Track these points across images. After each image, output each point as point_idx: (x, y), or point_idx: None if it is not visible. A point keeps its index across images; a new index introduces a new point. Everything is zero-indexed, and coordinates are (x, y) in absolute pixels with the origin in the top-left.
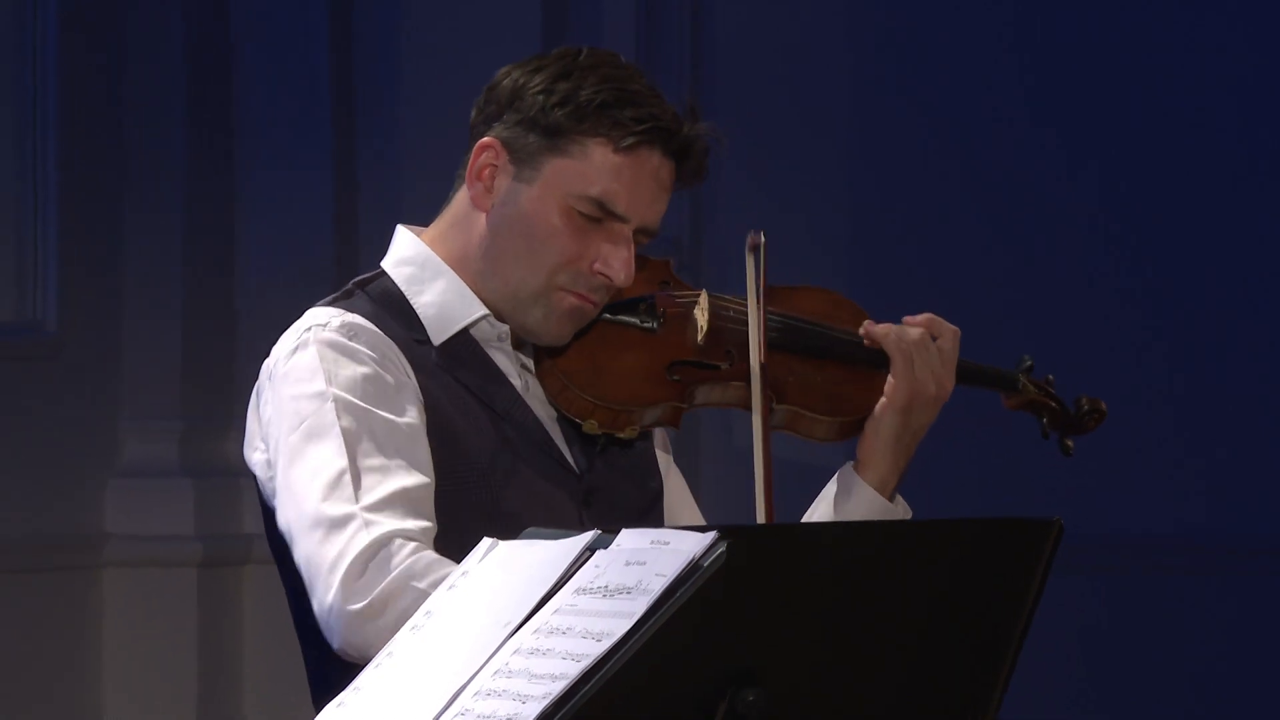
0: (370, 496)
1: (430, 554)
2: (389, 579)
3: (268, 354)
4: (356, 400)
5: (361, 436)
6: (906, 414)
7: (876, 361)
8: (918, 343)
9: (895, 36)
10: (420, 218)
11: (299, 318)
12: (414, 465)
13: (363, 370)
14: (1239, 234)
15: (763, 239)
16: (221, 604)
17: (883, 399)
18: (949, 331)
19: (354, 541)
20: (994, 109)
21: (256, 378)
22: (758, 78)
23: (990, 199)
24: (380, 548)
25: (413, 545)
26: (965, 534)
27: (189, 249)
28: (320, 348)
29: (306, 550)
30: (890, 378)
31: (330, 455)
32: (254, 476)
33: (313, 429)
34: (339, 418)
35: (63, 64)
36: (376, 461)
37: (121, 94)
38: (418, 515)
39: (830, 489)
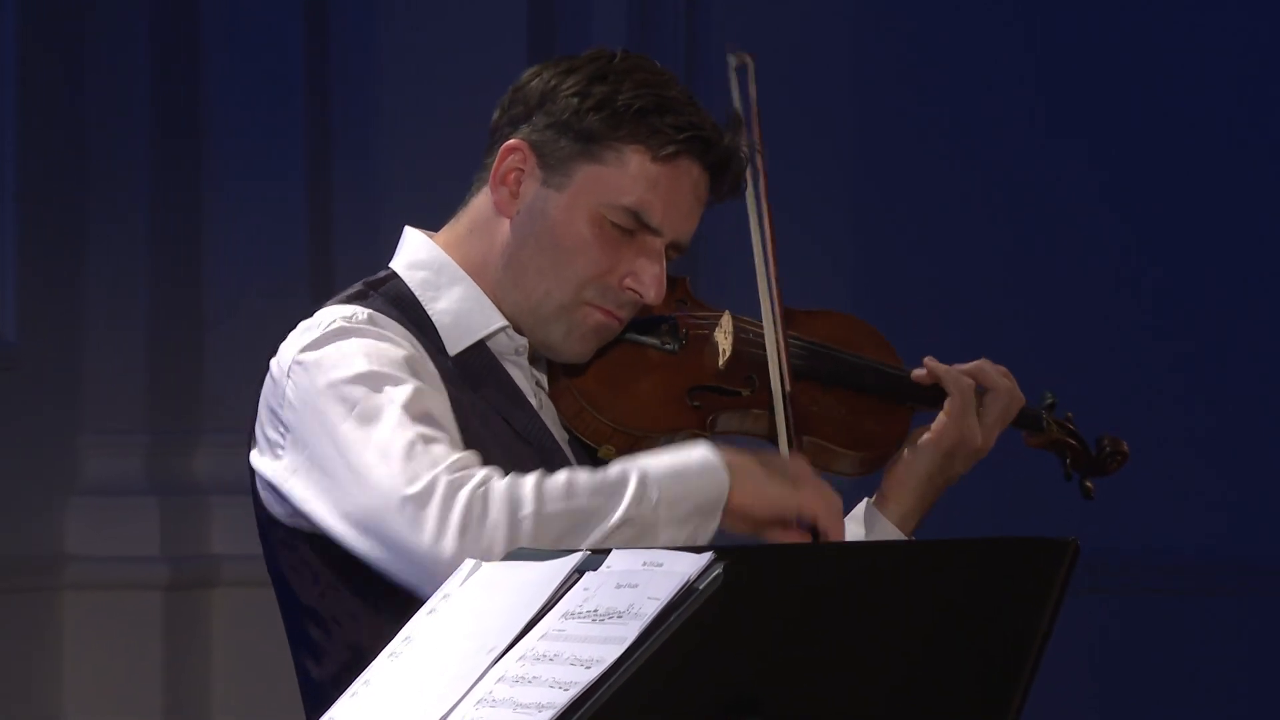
0: (449, 459)
1: (516, 476)
2: (497, 519)
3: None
4: (405, 375)
5: (420, 410)
6: (949, 458)
7: (901, 395)
8: (974, 389)
9: (900, 35)
10: (400, 225)
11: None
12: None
13: (401, 352)
14: (1262, 251)
15: (749, 60)
16: (189, 630)
17: (927, 434)
18: (1002, 387)
19: (454, 502)
20: (1007, 111)
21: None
22: (755, 78)
23: (1003, 208)
24: (478, 500)
25: (499, 482)
26: (977, 553)
27: (154, 256)
28: (354, 333)
29: (396, 528)
30: (942, 416)
31: (395, 428)
32: (254, 486)
33: (368, 411)
34: (394, 395)
35: (22, 64)
36: (440, 433)
37: (83, 95)
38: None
39: (846, 525)
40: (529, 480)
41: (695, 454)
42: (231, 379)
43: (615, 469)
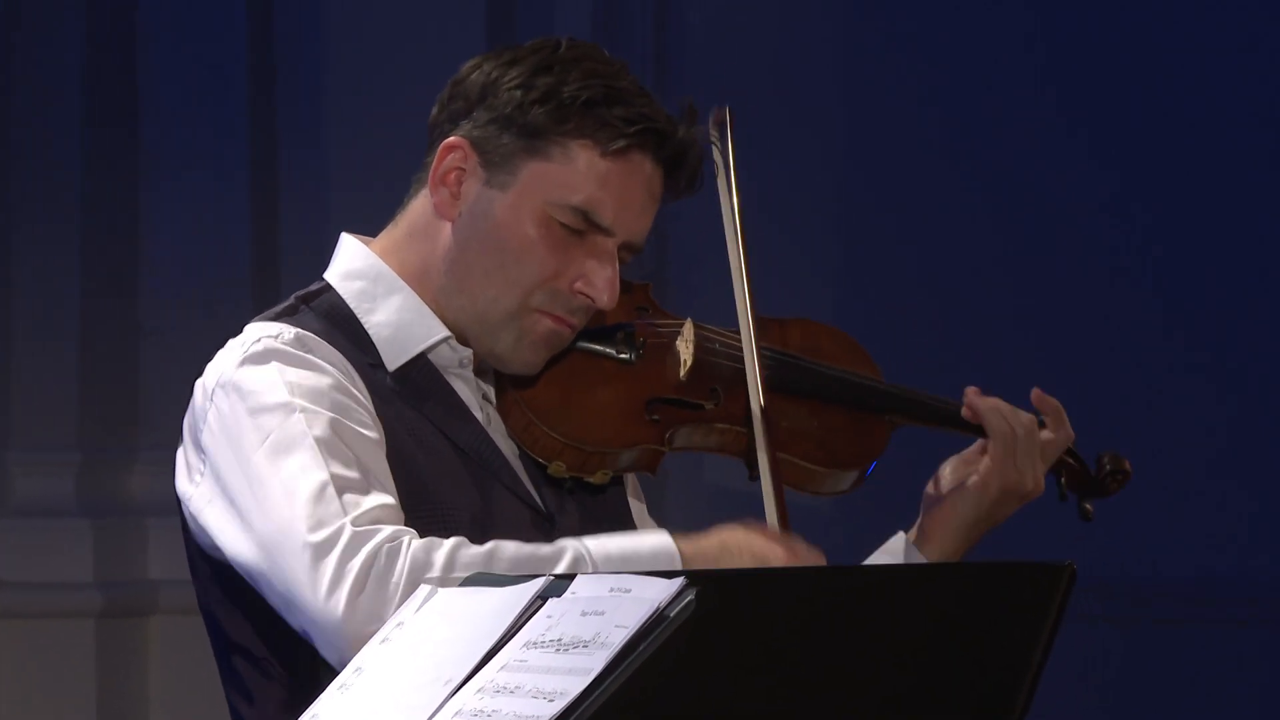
0: (360, 508)
1: (433, 539)
2: (398, 582)
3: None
4: (324, 410)
5: (337, 447)
6: (997, 504)
7: (879, 405)
8: (1027, 428)
9: (893, 27)
10: (349, 228)
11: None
12: (388, 485)
13: (326, 380)
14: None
15: (728, 115)
16: (123, 659)
17: (974, 478)
18: (1066, 432)
19: (355, 558)
20: (1004, 108)
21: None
22: (733, 73)
23: (999, 210)
24: (389, 553)
25: (408, 542)
26: (967, 578)
27: (86, 260)
28: (276, 358)
29: (293, 573)
30: (987, 460)
31: (307, 467)
32: (181, 512)
33: (281, 442)
34: (309, 428)
35: None
36: (355, 475)
37: (11, 89)
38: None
39: (878, 559)
40: (445, 544)
41: (649, 540)
42: (169, 392)
43: (554, 544)
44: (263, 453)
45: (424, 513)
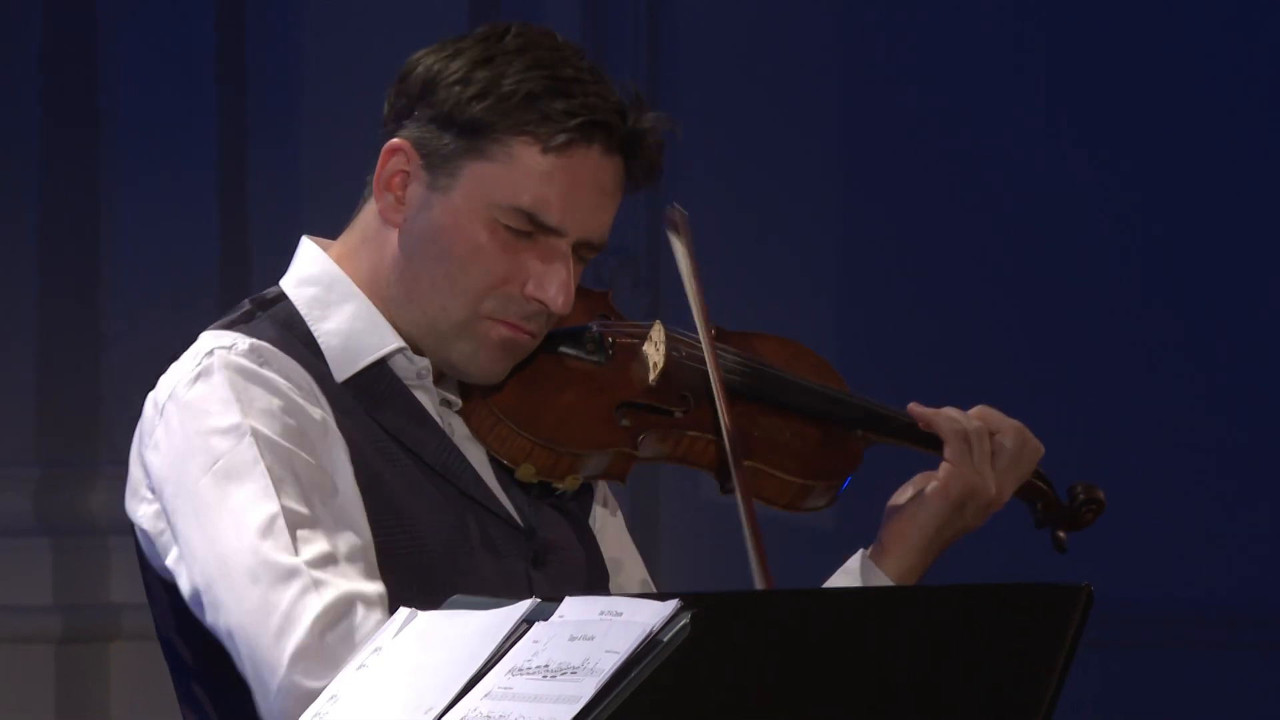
0: (312, 549)
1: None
2: (350, 645)
3: (139, 387)
4: (277, 438)
5: (287, 479)
6: (959, 509)
7: (849, 420)
8: (977, 431)
9: (893, 20)
10: (322, 231)
11: (175, 346)
12: (349, 518)
13: (278, 403)
14: None
15: (681, 212)
16: (84, 687)
17: (933, 484)
18: (1009, 427)
19: (304, 604)
20: (1008, 113)
21: (126, 415)
22: (728, 67)
23: (1006, 221)
24: (339, 614)
25: (378, 615)
26: (977, 600)
27: (44, 263)
28: (229, 374)
29: (239, 614)
30: (945, 464)
31: (256, 497)
32: (135, 533)
33: (230, 468)
34: (261, 454)
35: None
36: (306, 510)
37: None
38: (370, 576)
39: (838, 579)
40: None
41: None
42: (132, 404)
43: None
44: (211, 478)
45: (395, 531)
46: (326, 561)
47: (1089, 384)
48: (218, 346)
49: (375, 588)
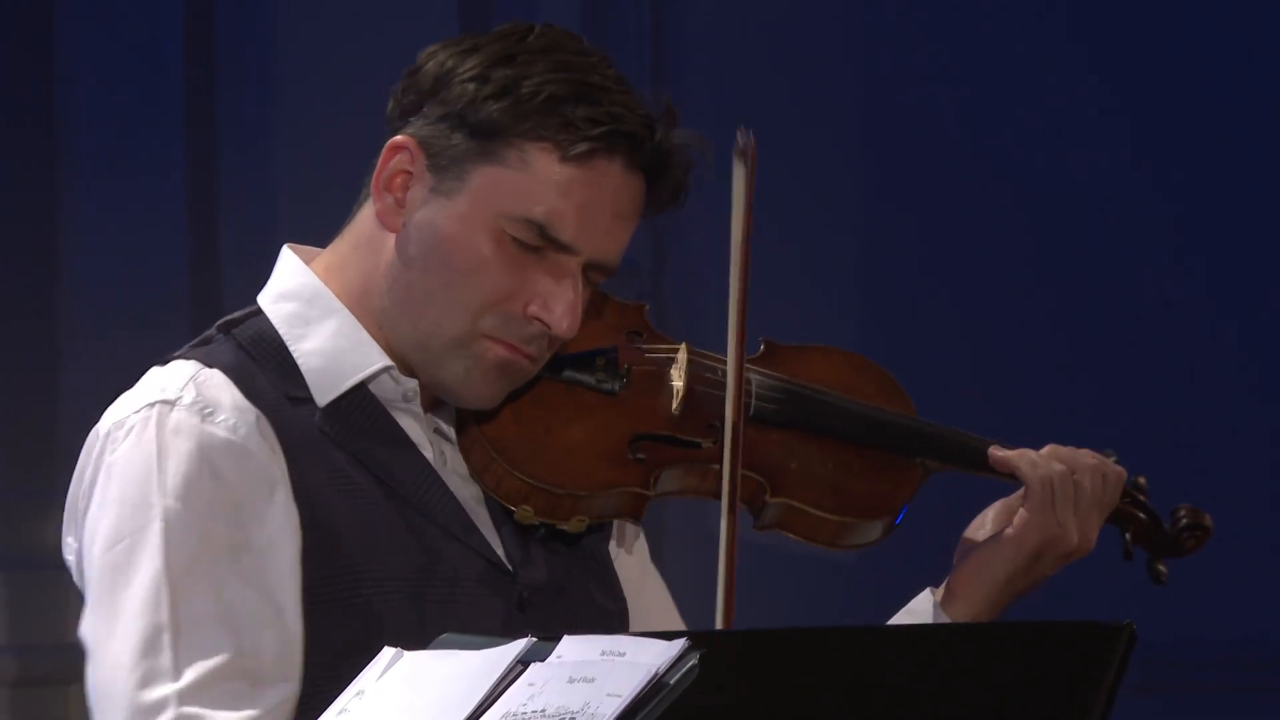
0: (193, 670)
1: None
2: None
3: (100, 411)
4: (197, 515)
5: (188, 577)
6: (1034, 559)
7: (907, 446)
8: (1061, 476)
9: (917, 17)
10: (299, 240)
11: (140, 366)
12: (267, 608)
13: (209, 469)
14: None
15: (751, 141)
16: None
17: (1009, 530)
18: (1085, 466)
19: None
20: (1038, 107)
21: (83, 442)
22: (739, 68)
23: (1041, 222)
24: None
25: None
26: (1014, 639)
27: None
28: (161, 436)
29: None
30: (1022, 511)
31: (148, 602)
32: (68, 568)
33: (131, 553)
34: (165, 542)
35: None
36: (210, 607)
37: None
38: (252, 701)
39: (903, 619)
40: None
41: None
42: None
43: None
44: (111, 557)
45: (346, 579)
46: (203, 686)
47: (1133, 402)
48: (160, 400)
49: (250, 714)
